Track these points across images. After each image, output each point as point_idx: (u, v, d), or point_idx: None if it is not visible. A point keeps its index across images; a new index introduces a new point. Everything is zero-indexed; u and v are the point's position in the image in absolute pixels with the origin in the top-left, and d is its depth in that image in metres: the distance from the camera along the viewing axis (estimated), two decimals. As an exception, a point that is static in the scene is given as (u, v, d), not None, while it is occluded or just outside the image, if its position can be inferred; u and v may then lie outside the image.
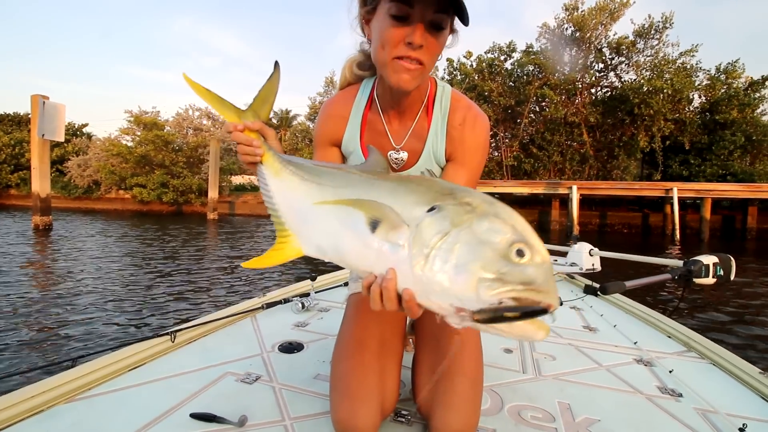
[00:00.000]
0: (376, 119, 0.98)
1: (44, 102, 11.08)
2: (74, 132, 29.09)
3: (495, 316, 0.49)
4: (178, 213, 21.54)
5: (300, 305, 1.78)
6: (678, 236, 13.21)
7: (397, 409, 1.02)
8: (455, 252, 0.52)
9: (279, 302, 1.83)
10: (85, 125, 30.73)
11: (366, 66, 1.01)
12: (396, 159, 0.97)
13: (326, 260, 0.68)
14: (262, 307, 1.75)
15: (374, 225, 0.58)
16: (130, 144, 22.96)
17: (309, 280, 2.10)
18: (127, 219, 17.00)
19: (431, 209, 0.56)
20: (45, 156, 11.71)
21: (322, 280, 2.21)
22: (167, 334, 1.36)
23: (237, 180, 24.76)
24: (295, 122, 32.79)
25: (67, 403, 1.01)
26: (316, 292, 2.02)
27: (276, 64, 0.85)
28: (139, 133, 22.68)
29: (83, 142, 26.33)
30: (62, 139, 12.18)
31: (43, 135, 11.19)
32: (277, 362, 1.29)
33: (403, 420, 0.99)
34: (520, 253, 0.51)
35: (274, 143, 0.83)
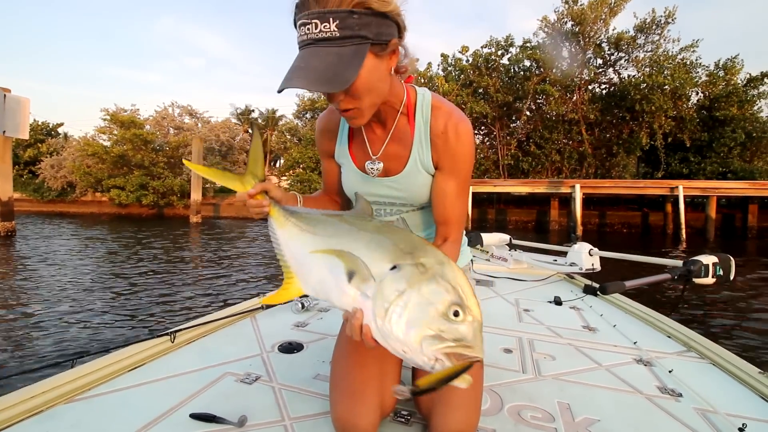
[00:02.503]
0: (358, 130, 1.00)
1: (5, 95, 10.09)
2: (49, 132, 27.99)
3: (429, 389, 0.61)
4: (159, 216, 20.65)
5: (300, 305, 1.78)
6: (684, 236, 13.02)
7: (397, 409, 1.02)
8: (407, 309, 0.64)
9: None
10: (60, 125, 29.63)
11: None
12: (371, 169, 0.99)
13: (320, 299, 0.77)
14: (261, 307, 1.74)
15: (351, 275, 0.71)
16: (106, 144, 21.86)
17: None
18: (102, 223, 16.12)
19: (393, 267, 0.68)
20: (7, 155, 10.76)
21: None
22: (167, 334, 1.36)
23: (222, 182, 24.17)
24: (281, 122, 32.41)
25: (67, 404, 1.01)
26: None
27: (253, 125, 0.99)
28: (116, 132, 21.66)
29: (58, 143, 25.21)
30: (26, 137, 11.20)
31: (4, 132, 10.23)
32: (276, 362, 1.29)
33: (403, 420, 0.99)
34: (456, 314, 0.63)
35: (276, 193, 0.91)
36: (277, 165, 33.29)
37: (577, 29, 17.74)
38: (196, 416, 0.95)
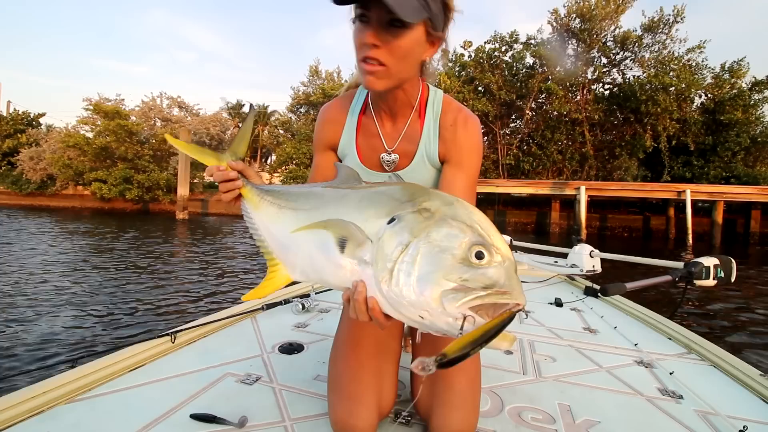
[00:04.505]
0: (369, 122, 1.00)
1: (-29, 79, 9.61)
2: (29, 122, 26.92)
3: (460, 356, 0.47)
4: (144, 211, 19.64)
5: (300, 306, 1.78)
6: (690, 241, 12.64)
7: (396, 410, 1.02)
8: (417, 264, 0.52)
9: (279, 303, 1.83)
10: (42, 115, 28.18)
11: None
12: (388, 161, 0.99)
13: (312, 283, 0.69)
14: (262, 308, 1.75)
15: (342, 244, 0.59)
16: (89, 135, 20.47)
17: None
18: (82, 218, 15.19)
19: (391, 221, 0.56)
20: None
21: None
22: (167, 334, 1.36)
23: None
24: (273, 118, 31.59)
25: (68, 404, 1.01)
26: (316, 293, 2.02)
27: (251, 106, 0.93)
28: (99, 123, 20.25)
29: (39, 133, 24.19)
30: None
31: (-31, 118, 9.35)
32: (277, 363, 1.29)
33: (403, 421, 0.99)
34: (479, 255, 0.51)
35: (254, 180, 0.86)
36: (269, 161, 32.82)
37: (583, 26, 17.37)
38: (196, 417, 0.96)
